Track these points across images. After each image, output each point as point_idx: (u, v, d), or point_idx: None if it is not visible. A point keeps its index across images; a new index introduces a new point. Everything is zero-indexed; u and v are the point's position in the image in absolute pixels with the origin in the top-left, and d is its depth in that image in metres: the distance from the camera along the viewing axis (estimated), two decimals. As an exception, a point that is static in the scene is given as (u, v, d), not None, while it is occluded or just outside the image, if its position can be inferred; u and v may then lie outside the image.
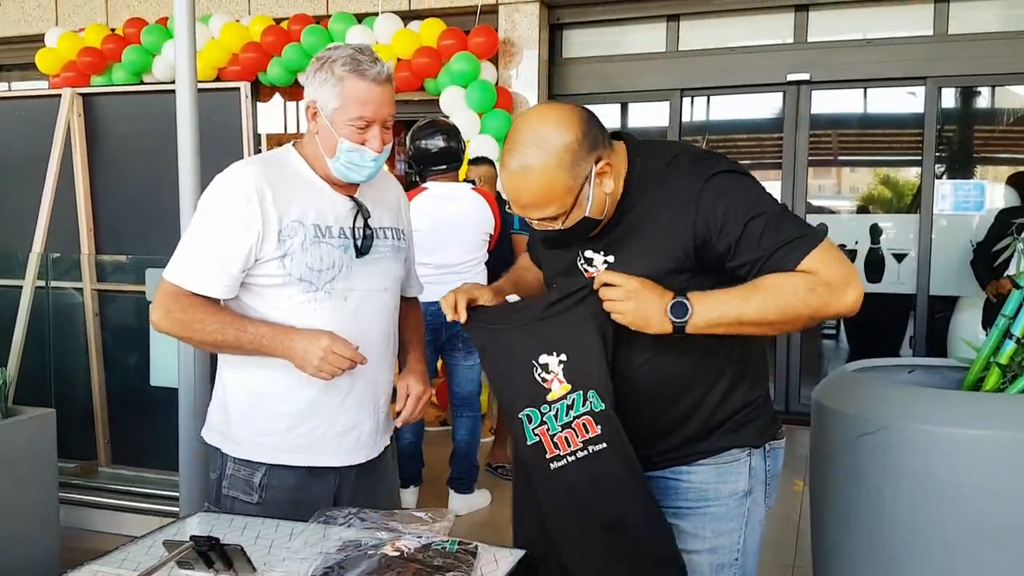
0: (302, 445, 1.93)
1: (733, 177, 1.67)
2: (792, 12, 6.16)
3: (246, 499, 1.91)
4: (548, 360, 1.73)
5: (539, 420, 1.73)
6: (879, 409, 2.35)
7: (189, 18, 2.73)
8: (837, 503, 2.47)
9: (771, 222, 1.60)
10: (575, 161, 1.62)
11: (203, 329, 1.83)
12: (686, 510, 1.81)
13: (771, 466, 1.87)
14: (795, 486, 4.48)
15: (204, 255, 1.85)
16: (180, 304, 1.84)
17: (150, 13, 7.11)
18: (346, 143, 1.87)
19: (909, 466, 2.27)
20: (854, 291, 1.59)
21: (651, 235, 1.68)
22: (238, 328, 1.83)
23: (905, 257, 6.04)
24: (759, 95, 6.50)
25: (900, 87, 6.15)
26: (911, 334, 6.11)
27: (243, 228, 1.83)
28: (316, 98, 1.88)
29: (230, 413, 1.96)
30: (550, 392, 1.73)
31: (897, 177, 6.59)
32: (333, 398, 1.94)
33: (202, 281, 1.84)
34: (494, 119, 6.02)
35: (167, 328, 1.87)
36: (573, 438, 1.71)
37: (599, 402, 1.70)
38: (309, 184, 1.93)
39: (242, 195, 1.83)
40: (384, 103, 1.88)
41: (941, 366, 2.79)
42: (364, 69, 1.84)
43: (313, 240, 1.88)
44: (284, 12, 6.82)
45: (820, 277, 1.57)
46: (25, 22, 7.76)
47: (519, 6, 6.38)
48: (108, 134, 4.21)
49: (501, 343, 1.79)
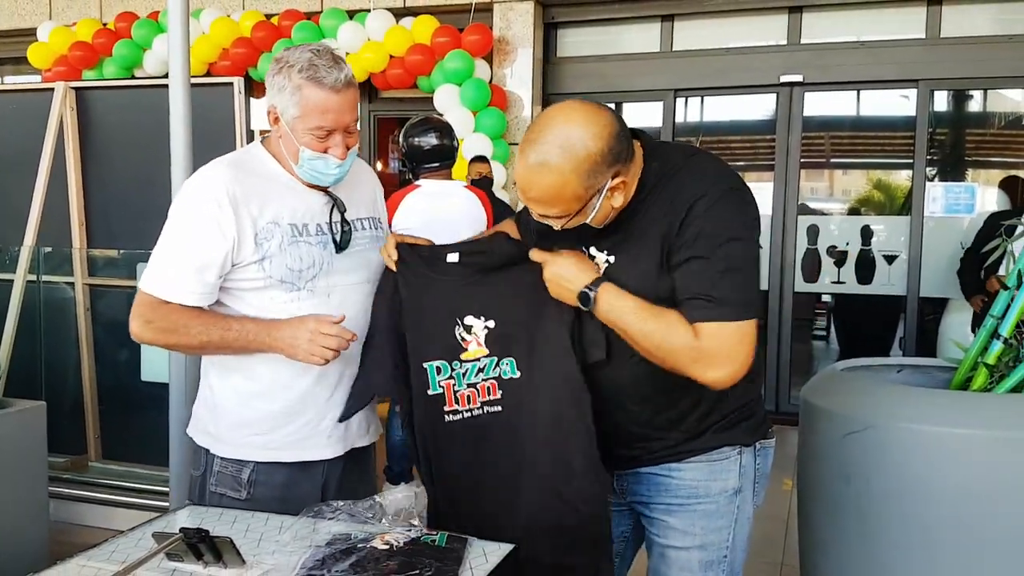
0: (292, 442, 1.93)
1: (732, 200, 1.64)
2: (786, 14, 6.18)
3: (234, 495, 1.91)
4: (474, 323, 1.82)
5: (448, 374, 1.82)
6: (867, 408, 2.36)
7: (182, 13, 2.73)
8: (825, 501, 2.48)
9: (716, 273, 1.59)
10: (593, 172, 1.59)
11: (187, 333, 1.81)
12: (676, 507, 1.82)
13: (761, 465, 1.88)
14: (784, 485, 4.50)
15: (180, 264, 1.81)
16: (159, 313, 1.81)
17: (142, 7, 7.09)
18: (307, 152, 1.83)
19: (896, 465, 2.28)
20: (721, 372, 1.60)
21: (652, 237, 1.67)
22: (223, 328, 1.81)
23: (896, 259, 6.07)
24: (752, 96, 6.53)
25: (892, 89, 6.18)
26: (901, 335, 6.14)
27: (218, 234, 1.80)
28: (276, 103, 1.84)
29: (218, 414, 1.94)
30: (465, 352, 1.82)
31: (888, 179, 6.63)
32: (322, 392, 1.93)
33: (179, 290, 1.81)
34: (488, 117, 6.02)
35: (149, 338, 1.83)
36: (475, 397, 1.82)
37: (514, 370, 1.80)
38: (281, 183, 1.90)
39: (214, 200, 1.80)
40: (344, 110, 1.82)
41: (929, 366, 2.81)
42: (322, 76, 1.78)
43: (291, 240, 1.86)
44: (275, 8, 6.80)
45: (702, 344, 1.58)
46: (18, 16, 7.73)
47: (513, 4, 6.38)
48: (100, 128, 4.20)
49: (428, 292, 1.85)
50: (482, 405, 1.82)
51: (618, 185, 1.63)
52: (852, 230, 6.23)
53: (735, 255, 1.60)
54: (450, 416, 1.83)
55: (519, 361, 1.80)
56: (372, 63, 6.22)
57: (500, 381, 1.81)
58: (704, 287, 1.59)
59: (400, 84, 6.33)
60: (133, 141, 4.09)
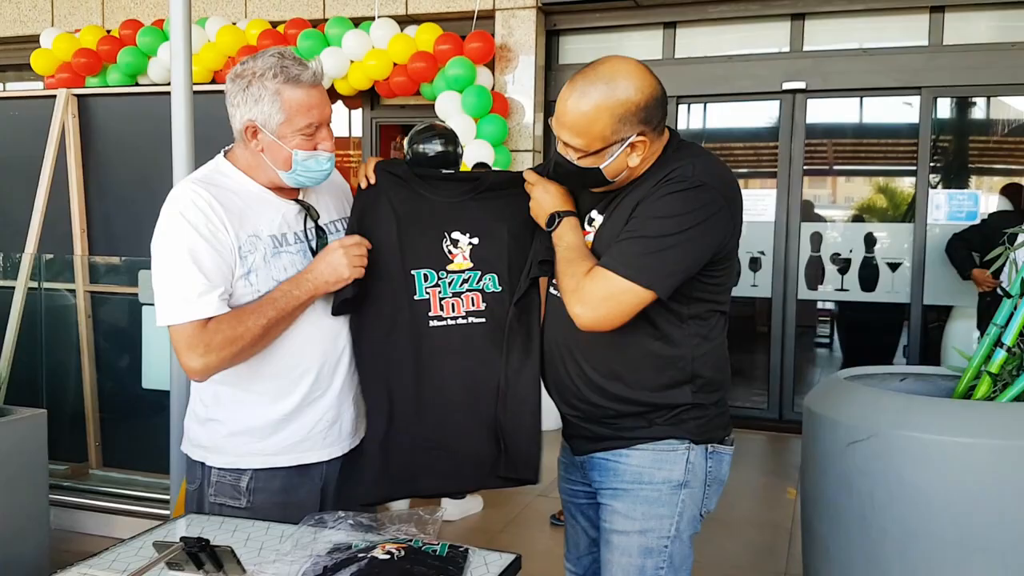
0: (289, 446, 1.92)
1: (691, 194, 1.73)
2: (788, 21, 6.19)
3: (234, 504, 1.89)
4: (460, 238, 1.97)
5: (434, 281, 1.96)
6: (870, 417, 2.35)
7: (185, 20, 2.73)
8: (828, 510, 2.47)
9: (632, 236, 1.74)
10: (623, 119, 1.73)
11: (247, 333, 1.77)
12: (621, 491, 1.88)
13: (713, 468, 1.90)
14: (788, 494, 4.49)
15: (197, 278, 1.76)
16: (208, 335, 1.75)
17: (146, 15, 7.12)
18: (301, 153, 1.83)
19: (899, 473, 2.27)
20: (580, 310, 1.75)
21: (627, 207, 1.80)
22: (270, 306, 1.80)
23: (899, 266, 6.06)
24: (755, 103, 6.52)
25: (895, 96, 6.18)
26: (905, 343, 6.12)
27: (217, 241, 1.79)
28: (253, 117, 1.82)
29: (212, 426, 1.92)
30: (452, 263, 1.97)
31: (892, 187, 6.62)
32: (318, 395, 1.93)
33: (210, 304, 1.76)
34: (489, 124, 6.03)
35: (217, 363, 1.76)
36: (459, 306, 1.95)
37: (495, 284, 1.96)
38: (253, 195, 1.88)
39: (201, 212, 1.78)
40: (325, 103, 1.87)
41: (933, 374, 2.80)
42: (298, 75, 1.80)
43: (273, 252, 1.85)
44: (281, 15, 6.82)
45: (584, 280, 1.75)
46: (21, 22, 7.75)
47: (516, 12, 6.40)
48: (103, 135, 4.21)
49: (419, 207, 1.97)
50: (467, 315, 1.95)
51: (640, 144, 1.76)
52: (855, 237, 6.22)
53: (655, 228, 1.72)
54: (433, 322, 1.95)
55: (500, 277, 1.96)
56: (376, 71, 6.23)
57: (483, 294, 1.96)
58: (620, 240, 1.75)
59: (403, 91, 6.34)
60: (135, 148, 4.09)
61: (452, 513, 4.15)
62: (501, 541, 3.99)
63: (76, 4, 7.58)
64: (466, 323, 1.95)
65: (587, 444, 1.94)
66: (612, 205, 1.86)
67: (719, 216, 1.76)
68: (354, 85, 6.42)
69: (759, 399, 6.37)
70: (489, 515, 4.29)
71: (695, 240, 1.73)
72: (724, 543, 3.90)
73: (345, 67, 6.31)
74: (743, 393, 6.50)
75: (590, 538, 2.07)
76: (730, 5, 6.15)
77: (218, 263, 1.78)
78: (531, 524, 4.25)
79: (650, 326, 1.81)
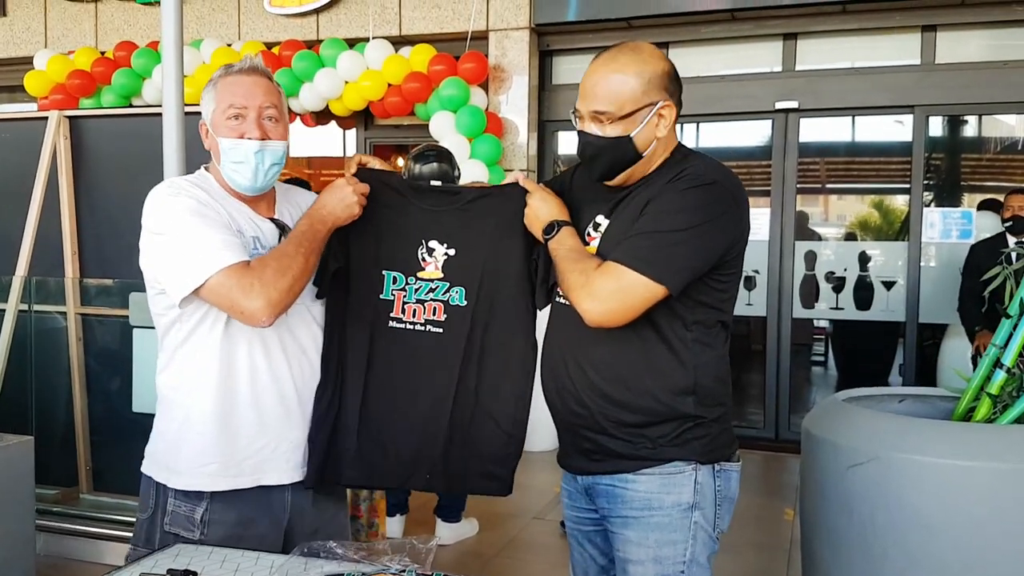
0: (253, 465, 1.88)
1: (702, 190, 1.76)
2: (780, 41, 6.21)
3: (187, 535, 1.85)
4: (436, 247, 1.99)
5: (402, 285, 1.99)
6: (870, 439, 2.33)
7: (177, 41, 2.72)
8: (828, 534, 2.44)
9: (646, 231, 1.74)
10: (650, 84, 1.78)
11: (293, 261, 1.76)
12: (632, 519, 1.85)
13: (722, 487, 1.88)
14: (786, 515, 4.45)
15: (215, 234, 1.75)
16: (256, 271, 1.73)
17: (140, 37, 7.12)
18: (225, 142, 1.84)
19: (900, 497, 2.25)
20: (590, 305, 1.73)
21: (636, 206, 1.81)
22: (301, 238, 1.82)
23: (894, 285, 6.05)
24: (748, 123, 6.54)
25: (888, 115, 6.19)
26: (900, 361, 6.11)
27: (216, 212, 1.81)
28: (204, 115, 1.90)
29: (177, 441, 1.88)
30: (422, 271, 1.99)
31: (885, 205, 6.63)
32: (282, 412, 1.91)
33: (240, 250, 1.75)
34: (483, 144, 6.02)
35: (278, 297, 1.73)
36: (420, 313, 1.98)
37: (461, 299, 1.98)
38: (233, 206, 1.89)
39: (193, 195, 1.81)
40: (256, 91, 1.85)
41: (931, 395, 2.78)
42: (232, 67, 1.88)
43: (253, 251, 1.84)
44: (276, 37, 6.83)
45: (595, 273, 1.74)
46: (15, 44, 7.75)
47: (509, 32, 6.41)
48: (94, 157, 4.18)
49: (402, 211, 1.99)
50: (425, 323, 1.98)
51: (667, 111, 1.80)
52: (850, 256, 6.22)
53: (667, 223, 1.73)
54: (393, 323, 1.99)
55: (468, 291, 1.97)
56: (371, 91, 6.23)
57: (446, 306, 1.98)
58: (630, 235, 1.75)
59: (397, 112, 6.34)
60: (127, 170, 4.07)
61: (447, 537, 4.10)
62: (496, 565, 3.94)
63: (70, 26, 7.58)
64: (423, 330, 1.98)
65: (588, 462, 1.91)
66: (619, 207, 1.86)
67: (730, 215, 1.78)
68: (348, 106, 6.42)
69: (755, 418, 6.34)
70: (484, 539, 4.24)
71: (706, 236, 1.74)
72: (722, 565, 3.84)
73: (340, 88, 6.31)
74: (739, 412, 6.47)
75: (599, 565, 2.04)
76: (722, 25, 6.17)
77: (226, 224, 1.79)
78: (527, 548, 4.21)
79: (654, 331, 1.80)
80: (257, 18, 6.98)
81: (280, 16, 6.88)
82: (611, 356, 1.83)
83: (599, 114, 1.79)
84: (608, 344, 1.81)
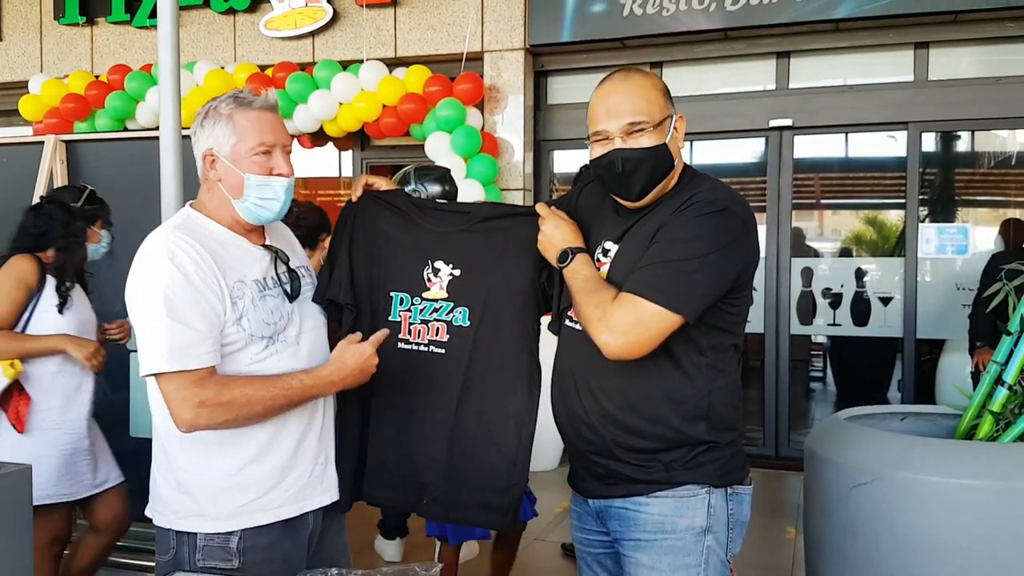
0: (290, 497, 1.89)
1: (713, 217, 1.75)
2: (774, 59, 6.23)
3: (225, 566, 1.83)
4: (442, 267, 1.99)
5: (408, 305, 1.99)
6: (873, 459, 2.32)
7: (174, 64, 2.71)
8: (833, 555, 2.43)
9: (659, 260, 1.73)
10: (665, 94, 1.85)
11: (249, 404, 1.74)
12: (644, 542, 1.84)
13: (734, 510, 1.87)
14: (787, 534, 4.42)
15: (188, 329, 1.71)
16: (205, 388, 1.71)
17: (135, 60, 7.12)
18: (254, 178, 1.83)
19: (904, 517, 2.24)
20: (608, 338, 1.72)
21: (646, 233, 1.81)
22: (283, 388, 1.79)
23: (891, 300, 6.06)
24: (742, 140, 6.56)
25: (882, 131, 6.22)
26: (899, 377, 6.10)
27: (207, 288, 1.76)
28: (211, 144, 1.85)
29: (198, 494, 1.84)
30: (428, 291, 1.99)
31: (881, 221, 6.64)
32: (311, 438, 1.91)
33: (203, 355, 1.72)
34: (479, 163, 6.03)
35: (207, 421, 1.72)
36: (424, 333, 1.98)
37: (465, 319, 1.97)
38: (228, 242, 1.87)
39: (190, 259, 1.76)
40: (280, 127, 1.88)
41: (933, 413, 2.77)
42: (249, 100, 1.85)
43: (260, 295, 1.84)
44: (270, 59, 6.84)
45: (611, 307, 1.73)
46: (10, 68, 7.76)
47: (504, 53, 6.43)
48: (91, 181, 4.16)
49: (408, 231, 2.00)
50: (428, 343, 1.99)
51: (679, 123, 1.86)
52: (846, 272, 6.23)
53: (681, 251, 1.72)
54: (402, 344, 1.99)
55: (472, 312, 1.97)
56: (366, 112, 6.24)
57: (449, 326, 1.98)
58: (643, 265, 1.75)
59: (393, 132, 6.34)
60: (123, 194, 4.04)
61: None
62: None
63: (65, 50, 7.59)
64: (426, 351, 1.98)
65: (601, 486, 1.90)
66: (628, 234, 1.85)
67: (742, 240, 1.78)
68: (343, 127, 6.43)
69: (755, 436, 6.32)
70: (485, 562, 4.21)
71: (721, 263, 1.74)
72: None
73: (334, 110, 6.32)
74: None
75: None
76: (716, 44, 6.20)
77: (208, 313, 1.75)
78: (529, 571, 4.17)
79: (669, 359, 1.80)
80: (252, 40, 7.00)
81: (275, 39, 6.90)
82: (624, 383, 1.82)
83: (635, 125, 1.80)
84: (620, 371, 1.80)
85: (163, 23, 2.70)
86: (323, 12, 6.70)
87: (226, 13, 7.02)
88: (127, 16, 7.25)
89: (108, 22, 7.37)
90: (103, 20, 7.40)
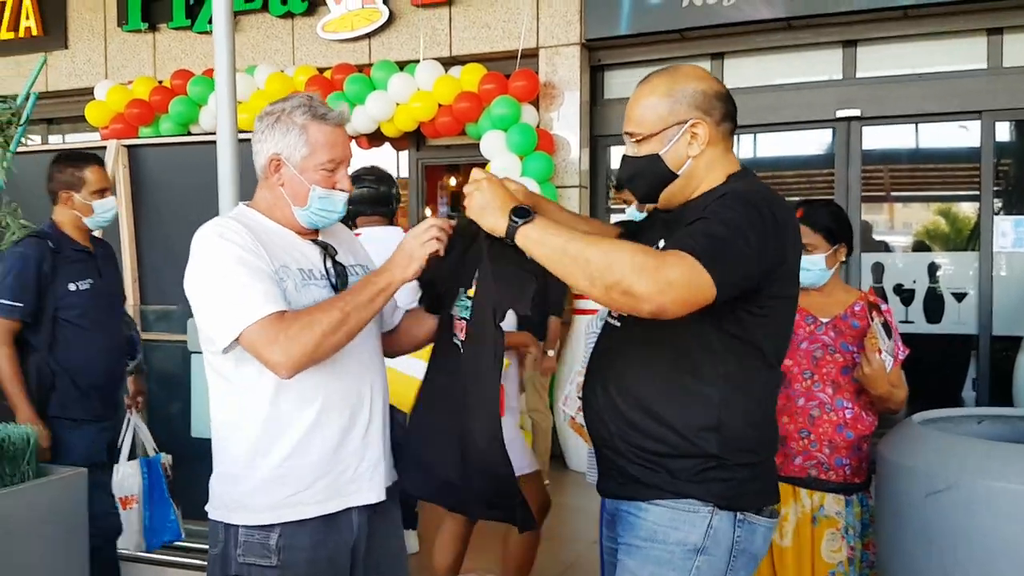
0: (333, 492, 1.88)
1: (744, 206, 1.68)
2: (840, 48, 6.07)
3: (264, 563, 1.84)
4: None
5: (461, 299, 2.01)
6: (949, 465, 2.21)
7: (229, 68, 2.73)
8: (907, 566, 2.32)
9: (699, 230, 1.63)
10: (680, 101, 1.77)
11: (324, 316, 1.74)
12: (635, 548, 1.80)
13: (742, 538, 1.78)
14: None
15: (255, 284, 1.75)
16: (284, 323, 1.72)
17: (197, 65, 7.25)
18: (318, 190, 1.87)
19: (983, 526, 2.12)
20: (649, 289, 1.54)
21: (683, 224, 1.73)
22: (346, 293, 1.82)
23: (965, 296, 5.84)
24: (808, 132, 6.39)
25: (953, 121, 6.00)
26: (973, 376, 5.88)
27: (259, 258, 1.80)
28: (279, 150, 1.86)
29: (244, 484, 1.87)
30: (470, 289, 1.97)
31: (954, 213, 6.41)
32: (355, 434, 1.90)
33: (276, 301, 1.75)
34: (535, 161, 5.99)
35: (300, 352, 1.70)
36: (460, 329, 2.00)
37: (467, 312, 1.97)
38: (278, 235, 1.91)
39: (239, 235, 1.81)
40: (347, 144, 1.92)
41: (1012, 416, 2.65)
42: (324, 113, 1.87)
43: (303, 283, 1.86)
44: (328, 62, 6.90)
45: (653, 258, 1.57)
46: (76, 75, 7.96)
47: (559, 49, 6.37)
48: (153, 185, 4.25)
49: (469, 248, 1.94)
50: (456, 338, 2.00)
51: (699, 128, 1.76)
52: (919, 267, 6.02)
53: (719, 225, 1.62)
54: (455, 339, 2.01)
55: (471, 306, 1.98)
56: (422, 112, 6.25)
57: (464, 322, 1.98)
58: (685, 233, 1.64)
59: (448, 132, 6.34)
60: (185, 197, 4.12)
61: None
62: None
63: (129, 56, 7.77)
64: (457, 345, 1.99)
65: (613, 486, 1.88)
66: (671, 231, 1.79)
67: (768, 236, 1.67)
68: (400, 127, 6.45)
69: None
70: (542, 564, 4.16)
71: (749, 245, 1.63)
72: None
73: (391, 110, 6.34)
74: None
75: None
76: (779, 34, 6.06)
77: (267, 270, 1.79)
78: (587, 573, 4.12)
79: (688, 361, 1.75)
80: (310, 44, 7.07)
81: (333, 41, 6.95)
82: (638, 382, 1.79)
83: (631, 135, 1.82)
84: (638, 369, 1.78)
85: (218, 30, 2.72)
86: (379, 13, 6.73)
87: (284, 17, 7.10)
88: (188, 22, 7.39)
89: (169, 28, 7.52)
90: (165, 26, 7.56)
